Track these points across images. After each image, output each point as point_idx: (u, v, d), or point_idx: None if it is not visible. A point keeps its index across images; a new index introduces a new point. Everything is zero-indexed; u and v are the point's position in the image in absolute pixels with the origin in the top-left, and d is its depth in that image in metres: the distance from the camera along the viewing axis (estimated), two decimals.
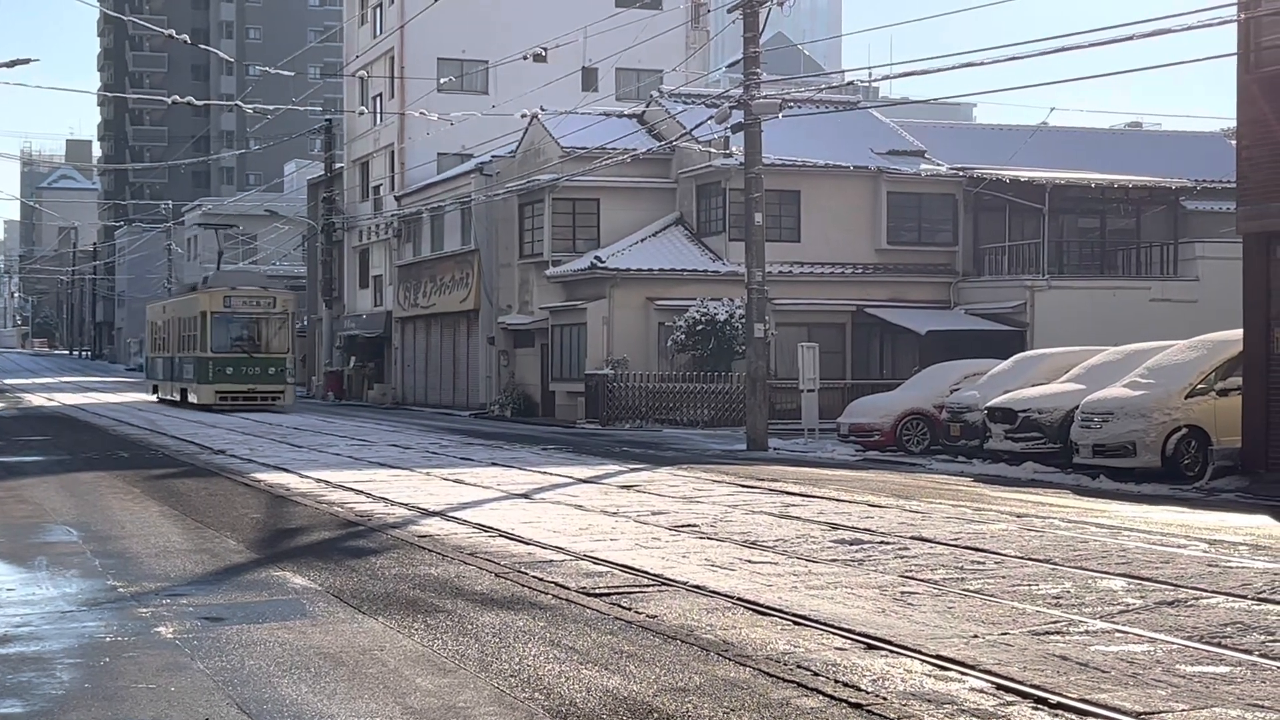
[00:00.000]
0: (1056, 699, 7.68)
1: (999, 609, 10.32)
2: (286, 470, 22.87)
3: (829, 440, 30.41)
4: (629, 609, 10.36)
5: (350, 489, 19.75)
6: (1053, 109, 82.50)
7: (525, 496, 18.91)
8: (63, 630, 9.74)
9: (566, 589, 11.22)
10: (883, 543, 13.90)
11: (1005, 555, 13.00)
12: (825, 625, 9.67)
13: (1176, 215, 43.28)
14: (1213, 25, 20.48)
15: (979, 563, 12.57)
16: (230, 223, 70.75)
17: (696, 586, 11.29)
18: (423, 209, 53.85)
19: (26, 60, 31.79)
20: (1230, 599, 10.72)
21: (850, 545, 13.73)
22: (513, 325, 46.46)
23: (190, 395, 47.69)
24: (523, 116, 43.10)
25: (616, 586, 11.37)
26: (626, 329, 40.15)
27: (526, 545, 13.86)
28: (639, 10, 52.95)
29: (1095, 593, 11.02)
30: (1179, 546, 13.72)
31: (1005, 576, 11.79)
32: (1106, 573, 11.96)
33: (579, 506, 17.54)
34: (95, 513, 17.00)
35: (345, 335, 62.08)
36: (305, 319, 64.49)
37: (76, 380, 77.15)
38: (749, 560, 12.79)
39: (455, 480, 21.23)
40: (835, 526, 15.23)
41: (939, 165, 42.78)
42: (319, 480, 21.11)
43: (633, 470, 23.33)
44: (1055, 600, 10.68)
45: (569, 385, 41.85)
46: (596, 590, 11.18)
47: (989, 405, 25.09)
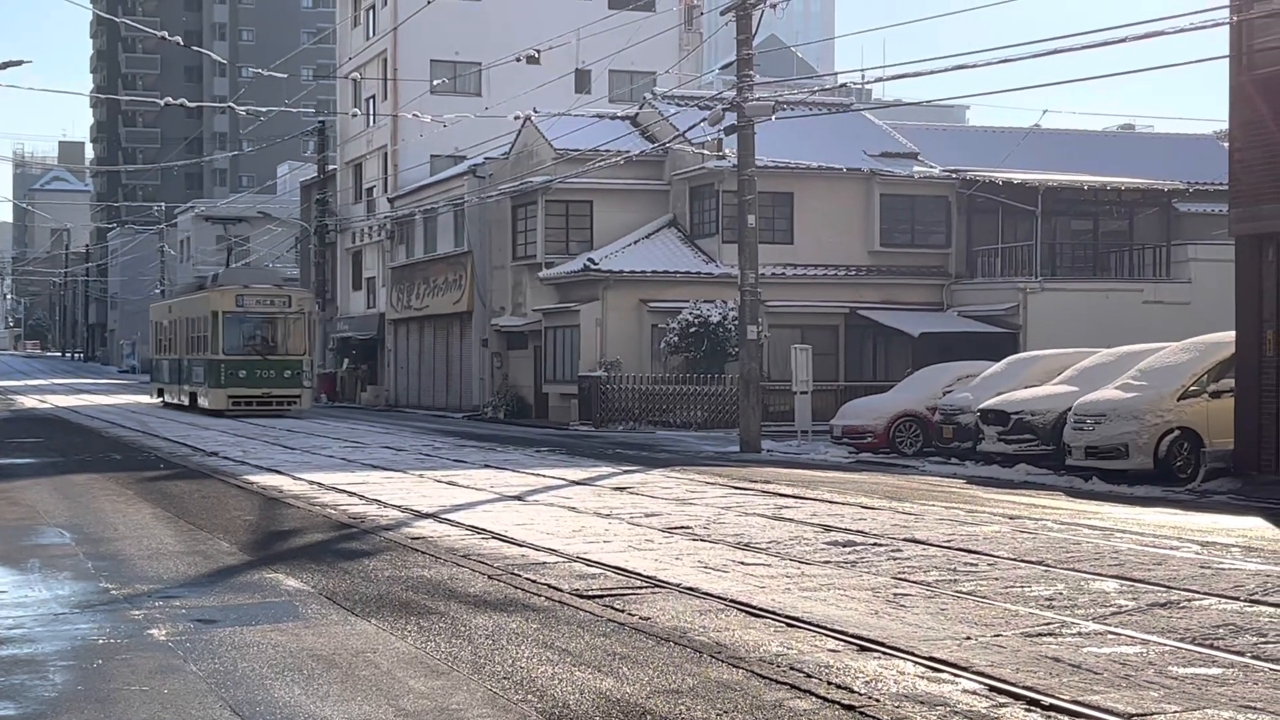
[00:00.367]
0: (1049, 700, 7.69)
1: (992, 611, 10.33)
2: (279, 472, 22.85)
3: (822, 442, 30.42)
4: (622, 611, 10.36)
5: (343, 491, 19.74)
6: (1046, 111, 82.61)
7: (518, 498, 18.90)
8: (55, 632, 9.73)
9: (559, 591, 11.22)
10: (876, 545, 13.91)
11: (998, 557, 13.01)
12: (818, 627, 9.68)
13: (1169, 217, 43.34)
14: (1206, 27, 20.53)
15: (972, 564, 12.58)
16: (238, 217, 68.51)
17: (689, 588, 11.29)
18: (416, 211, 53.82)
19: (19, 62, 31.77)
20: (1223, 601, 10.74)
21: (843, 547, 13.74)
22: (506, 327, 46.46)
23: (200, 399, 45.46)
24: (516, 118, 43.11)
25: (609, 588, 11.37)
26: (620, 331, 40.14)
27: (519, 547, 13.86)
28: (632, 12, 52.95)
29: (1088, 594, 11.03)
30: (1171, 548, 13.73)
31: (998, 578, 11.80)
32: (1099, 574, 11.97)
33: (572, 508, 17.54)
34: (88, 515, 16.98)
35: (338, 337, 62.06)
36: None
37: (69, 382, 77.04)
38: (742, 562, 12.79)
39: (448, 482, 21.22)
40: (828, 528, 15.24)
41: (932, 167, 42.80)
42: (312, 482, 21.10)
43: (626, 472, 23.33)
44: (1048, 602, 10.69)
45: (562, 387, 41.84)
46: (589, 592, 11.18)
47: (982, 407, 25.11)
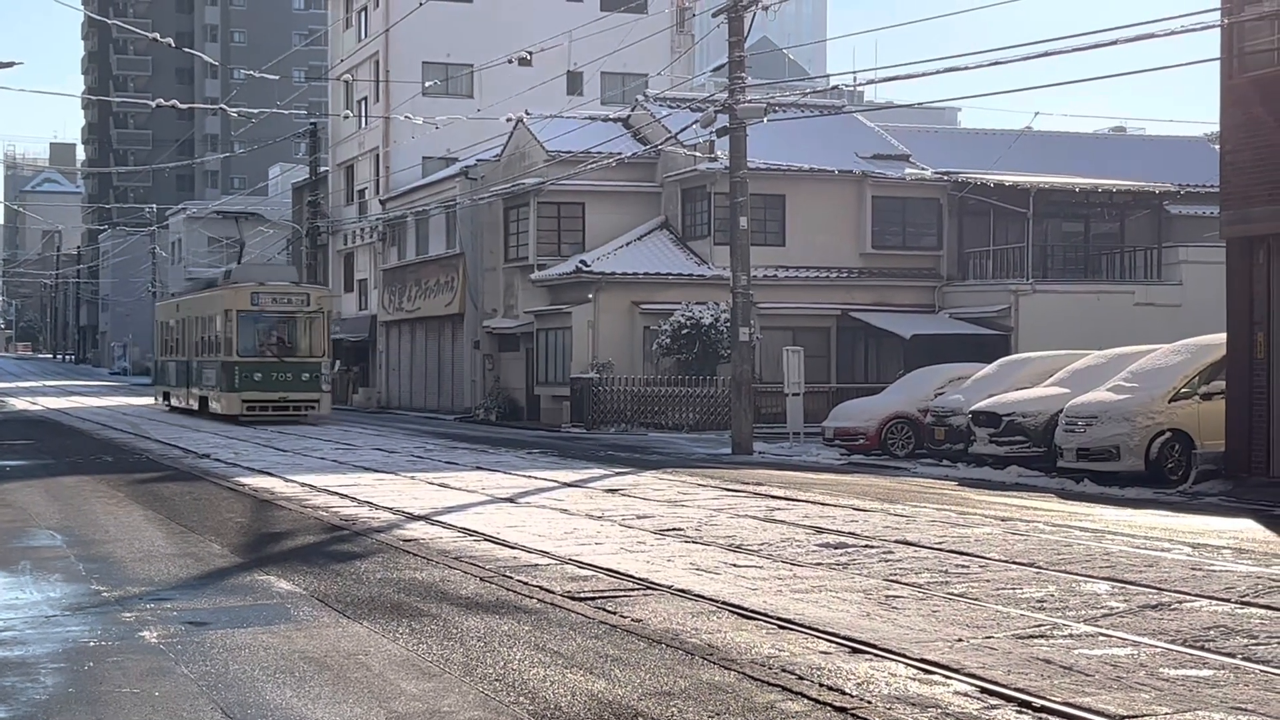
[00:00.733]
0: (1040, 702, 7.69)
1: (983, 612, 10.34)
2: (271, 474, 22.82)
3: (814, 444, 30.44)
4: (614, 613, 10.35)
5: (335, 493, 19.72)
6: (1037, 113, 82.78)
7: (510, 500, 18.89)
8: (46, 635, 9.72)
9: (551, 593, 11.22)
10: (867, 546, 13.92)
11: (989, 559, 13.02)
12: (810, 629, 9.68)
13: (1160, 219, 43.42)
14: (1197, 30, 20.58)
15: (963, 566, 12.59)
16: (248, 212, 66.71)
17: (681, 590, 11.29)
18: (408, 212, 53.81)
19: (10, 64, 31.65)
20: (1214, 603, 10.75)
21: (835, 549, 13.74)
22: (498, 329, 46.45)
23: (212, 404, 42.75)
24: (508, 120, 43.10)
25: (601, 590, 11.37)
26: (611, 333, 40.15)
27: (511, 549, 13.85)
28: (624, 14, 52.96)
29: (1079, 596, 11.05)
30: (1163, 550, 13.75)
31: (989, 580, 11.81)
32: (1090, 576, 11.98)
33: (564, 510, 17.53)
34: (79, 517, 16.95)
35: (330, 339, 61.91)
36: None
37: (60, 384, 76.91)
38: (734, 564, 12.79)
39: (440, 484, 21.21)
40: (820, 530, 15.24)
41: (924, 169, 42.85)
42: (303, 484, 21.08)
43: (618, 474, 23.33)
44: (1039, 604, 10.70)
45: (554, 389, 41.84)
46: (581, 594, 11.17)
47: (973, 409, 25.14)
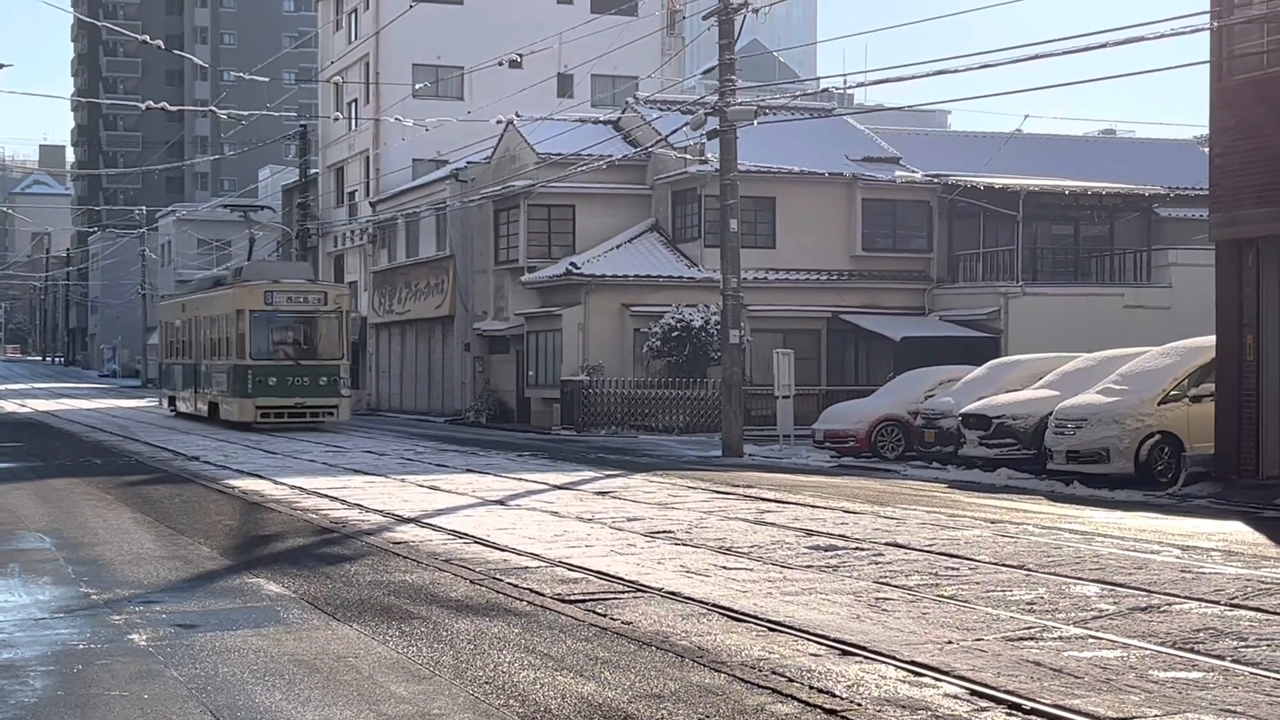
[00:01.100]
0: (1030, 705, 7.70)
1: (973, 615, 10.35)
2: (260, 477, 22.80)
3: (804, 446, 30.45)
4: (604, 615, 10.35)
5: (324, 495, 19.70)
6: (1027, 116, 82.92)
7: (500, 503, 18.88)
8: (36, 638, 9.70)
9: (541, 595, 11.21)
10: (857, 549, 13.92)
11: (979, 561, 13.04)
12: (800, 631, 9.68)
13: (1150, 222, 43.48)
14: (1186, 33, 20.60)
15: (953, 569, 12.60)
16: (261, 205, 62.68)
17: (671, 593, 11.29)
18: (398, 215, 53.75)
19: (0, 65, 31.63)
20: (1203, 605, 10.77)
21: (825, 551, 13.75)
22: (488, 331, 46.41)
23: (223, 410, 40.42)
24: (498, 123, 43.02)
25: (592, 593, 11.37)
26: (602, 335, 40.14)
27: (501, 552, 13.84)
28: (615, 17, 52.97)
29: (1069, 598, 11.06)
30: (1152, 552, 13.77)
31: (979, 582, 11.82)
32: (1080, 578, 12.00)
33: (554, 513, 17.53)
34: (68, 519, 16.92)
35: None
36: None
37: (49, 386, 76.78)
38: (724, 566, 12.79)
39: (430, 487, 21.19)
40: (810, 533, 15.25)
41: (914, 172, 42.88)
42: (293, 487, 21.06)
43: (608, 476, 23.32)
44: (1029, 606, 10.71)
45: (544, 391, 41.82)
46: (571, 597, 11.17)
47: (963, 412, 25.16)
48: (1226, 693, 8.02)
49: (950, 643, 9.34)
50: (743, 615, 10.29)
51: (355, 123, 60.08)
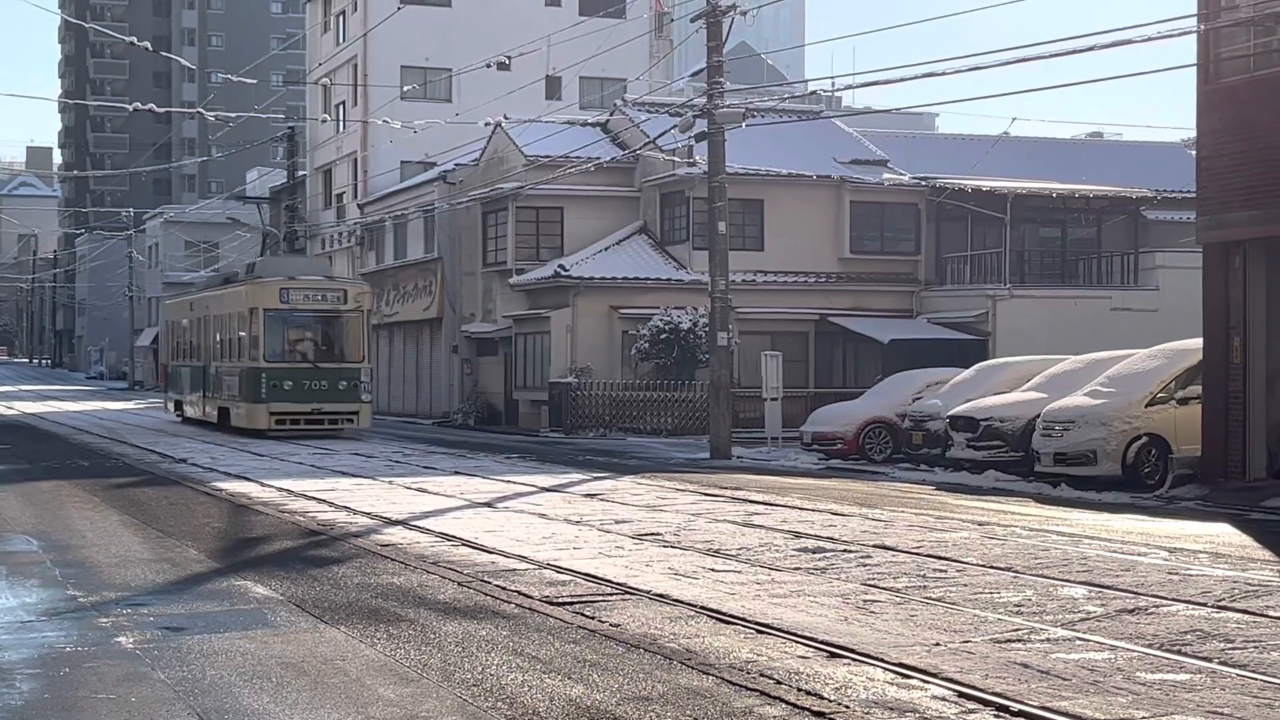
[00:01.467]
0: (1018, 706, 7.71)
1: (961, 617, 10.36)
2: (248, 479, 22.76)
3: (792, 449, 30.45)
4: (592, 618, 10.35)
5: (312, 498, 19.67)
6: (1015, 119, 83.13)
7: (488, 505, 18.87)
8: (22, 640, 9.67)
9: (530, 598, 11.21)
10: (845, 551, 13.93)
11: (967, 563, 13.05)
12: (788, 633, 9.69)
13: (1137, 225, 43.58)
14: (1173, 36, 20.66)
15: (941, 571, 12.61)
16: (267, 197, 60.96)
17: (660, 595, 11.29)
18: (386, 217, 53.70)
19: None
20: (1190, 607, 10.79)
21: (813, 554, 13.75)
22: (476, 334, 46.38)
23: (234, 416, 37.56)
24: (486, 125, 43.03)
25: (580, 595, 11.36)
26: (590, 337, 40.14)
27: (490, 554, 13.83)
28: (603, 19, 52.97)
29: (1056, 600, 11.08)
30: (1139, 554, 13.80)
31: (967, 584, 11.84)
32: (1067, 580, 12.02)
33: (542, 515, 17.51)
34: (55, 522, 16.88)
35: None
36: None
37: (36, 389, 76.60)
38: (712, 569, 12.79)
39: (418, 489, 21.17)
40: (798, 535, 15.25)
41: (902, 175, 42.93)
42: (281, 489, 21.02)
43: (596, 479, 23.32)
44: (1017, 608, 10.72)
45: (532, 394, 41.81)
46: (560, 599, 11.16)
47: (951, 414, 25.18)
48: (1213, 694, 8.03)
49: (938, 644, 9.35)
50: (731, 617, 10.29)
51: (343, 125, 60.02)
